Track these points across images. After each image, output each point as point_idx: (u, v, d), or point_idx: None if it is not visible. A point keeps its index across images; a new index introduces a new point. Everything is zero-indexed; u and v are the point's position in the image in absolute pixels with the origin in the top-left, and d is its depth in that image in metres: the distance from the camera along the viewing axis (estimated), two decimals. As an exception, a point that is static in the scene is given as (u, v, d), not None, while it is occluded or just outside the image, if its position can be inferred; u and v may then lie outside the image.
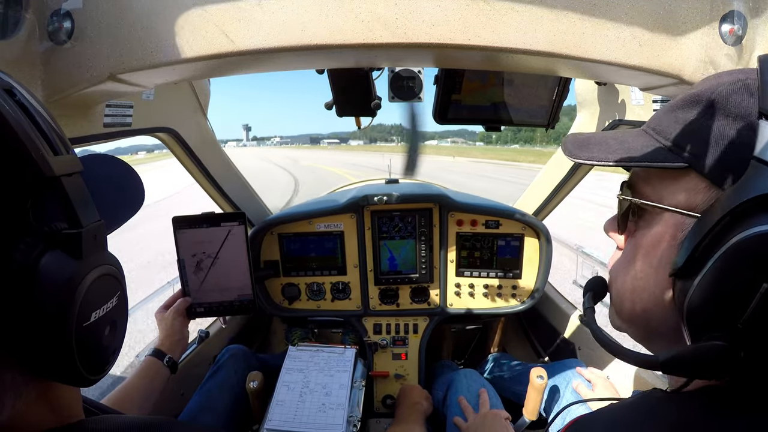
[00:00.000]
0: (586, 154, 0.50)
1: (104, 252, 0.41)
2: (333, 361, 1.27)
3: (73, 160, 0.38)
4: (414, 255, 1.53)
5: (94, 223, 0.39)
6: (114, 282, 0.42)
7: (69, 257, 0.36)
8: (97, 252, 0.40)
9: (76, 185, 0.38)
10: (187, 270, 1.13)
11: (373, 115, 1.26)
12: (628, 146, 0.48)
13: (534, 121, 1.24)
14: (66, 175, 0.36)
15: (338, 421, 1.09)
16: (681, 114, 0.44)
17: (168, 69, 0.68)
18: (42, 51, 0.68)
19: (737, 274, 0.36)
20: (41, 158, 0.34)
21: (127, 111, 0.96)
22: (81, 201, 0.38)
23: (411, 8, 0.61)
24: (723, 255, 0.37)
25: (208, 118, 1.39)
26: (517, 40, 0.62)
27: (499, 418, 1.13)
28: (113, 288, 0.42)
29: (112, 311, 0.41)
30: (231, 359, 1.32)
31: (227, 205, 1.60)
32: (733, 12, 0.65)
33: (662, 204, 0.45)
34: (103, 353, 0.41)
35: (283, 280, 1.55)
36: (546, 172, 1.67)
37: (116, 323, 0.43)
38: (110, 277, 0.41)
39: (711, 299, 0.38)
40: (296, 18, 0.61)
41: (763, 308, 0.35)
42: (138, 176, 0.63)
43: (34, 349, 0.34)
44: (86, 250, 0.37)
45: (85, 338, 0.37)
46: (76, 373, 0.37)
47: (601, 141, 0.51)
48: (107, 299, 0.40)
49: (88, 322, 0.37)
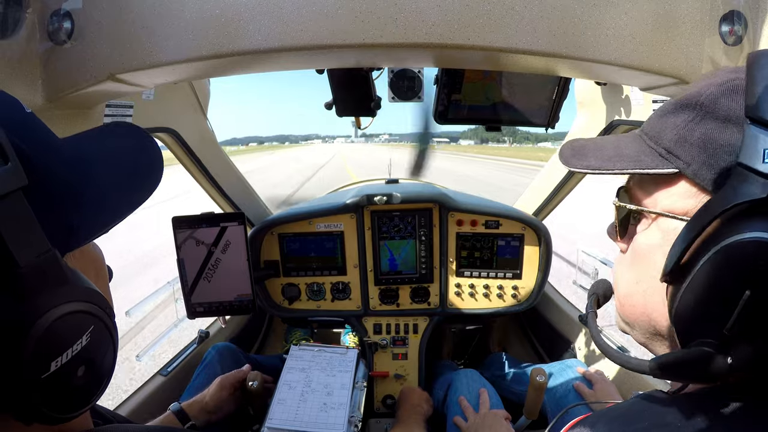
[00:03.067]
0: (583, 163, 0.50)
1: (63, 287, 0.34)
2: (335, 362, 1.27)
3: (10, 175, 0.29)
4: (414, 255, 1.53)
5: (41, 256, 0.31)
6: (82, 319, 0.35)
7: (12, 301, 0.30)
8: (51, 290, 0.32)
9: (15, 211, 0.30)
10: (187, 270, 1.13)
11: (373, 115, 1.26)
12: (622, 152, 0.48)
13: (534, 120, 1.24)
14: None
15: (340, 421, 1.09)
16: (672, 118, 0.44)
17: (168, 69, 0.68)
18: (42, 51, 0.68)
19: (721, 281, 0.37)
20: None
21: (127, 111, 0.96)
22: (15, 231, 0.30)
23: (411, 8, 0.61)
24: (707, 262, 0.37)
25: (208, 118, 1.39)
26: (517, 40, 0.62)
27: (499, 418, 1.13)
28: (81, 326, 0.35)
29: (83, 351, 0.35)
30: (217, 357, 1.32)
31: (227, 205, 1.61)
32: (733, 12, 0.65)
33: (655, 209, 0.45)
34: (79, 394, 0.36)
35: (283, 280, 1.55)
36: (546, 173, 1.67)
37: (93, 361, 0.36)
38: (75, 315, 0.34)
39: (697, 305, 0.39)
40: (296, 18, 0.61)
41: (747, 315, 0.35)
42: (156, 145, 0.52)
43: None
44: (29, 293, 0.31)
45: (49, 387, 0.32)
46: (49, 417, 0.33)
47: (598, 147, 0.51)
48: (73, 341, 0.34)
49: (47, 373, 0.31)
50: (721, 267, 0.37)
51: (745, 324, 0.36)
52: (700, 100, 0.42)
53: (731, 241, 0.36)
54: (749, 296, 0.35)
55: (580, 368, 1.32)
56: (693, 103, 0.42)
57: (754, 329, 0.36)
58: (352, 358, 1.28)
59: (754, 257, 0.34)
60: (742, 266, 0.35)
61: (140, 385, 1.28)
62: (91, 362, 0.36)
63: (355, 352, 1.31)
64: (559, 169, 1.57)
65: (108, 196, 0.43)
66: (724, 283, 0.36)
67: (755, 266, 0.34)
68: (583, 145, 0.53)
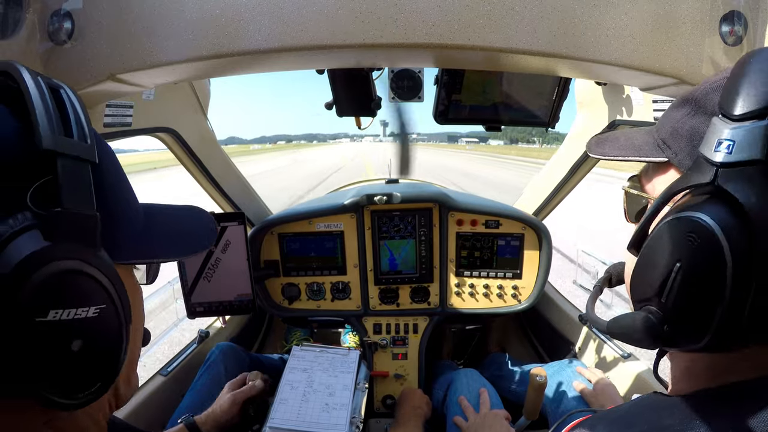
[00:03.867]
0: (599, 150, 0.55)
1: (92, 250, 0.36)
2: (337, 362, 1.27)
3: (84, 147, 0.36)
4: (414, 255, 1.53)
5: (85, 215, 0.35)
6: (96, 289, 0.35)
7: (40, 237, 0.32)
8: (81, 245, 0.35)
9: (77, 171, 0.35)
10: (187, 270, 1.13)
11: (373, 114, 1.26)
12: (632, 143, 0.52)
13: (534, 120, 1.24)
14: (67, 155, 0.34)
15: (341, 421, 1.09)
16: (673, 112, 0.48)
17: (168, 69, 0.68)
18: (42, 51, 0.68)
19: (660, 254, 0.41)
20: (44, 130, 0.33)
21: (127, 111, 0.96)
22: (74, 186, 0.34)
23: (411, 8, 0.61)
24: (653, 236, 0.43)
25: (208, 118, 1.39)
26: (517, 40, 0.62)
27: (500, 418, 1.13)
28: (92, 296, 0.35)
29: (84, 323, 0.34)
30: (221, 357, 1.32)
31: (227, 205, 1.60)
32: (733, 12, 0.65)
33: (653, 194, 0.49)
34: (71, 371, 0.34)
35: (283, 280, 1.55)
36: (546, 172, 1.67)
37: (92, 341, 0.35)
38: (91, 281, 0.35)
39: (643, 274, 0.43)
40: (296, 18, 0.61)
41: (679, 285, 0.39)
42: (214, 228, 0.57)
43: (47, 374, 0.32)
44: (61, 235, 0.33)
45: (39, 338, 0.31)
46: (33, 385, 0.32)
47: (615, 138, 0.56)
48: (78, 304, 0.34)
49: (43, 318, 0.31)
50: (661, 241, 0.41)
51: (678, 293, 0.40)
52: (695, 95, 0.45)
53: (670, 218, 0.41)
54: (679, 268, 0.39)
55: (580, 368, 1.32)
56: (690, 99, 0.46)
57: (685, 298, 0.39)
58: (354, 359, 1.28)
59: (686, 232, 0.39)
60: (675, 240, 0.40)
61: (140, 385, 1.28)
62: (90, 341, 0.35)
63: (357, 353, 1.31)
64: (560, 169, 1.57)
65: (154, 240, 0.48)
66: (662, 255, 0.41)
67: (686, 241, 0.39)
68: (606, 137, 0.58)
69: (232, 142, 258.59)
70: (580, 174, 1.53)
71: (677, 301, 0.40)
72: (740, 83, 0.38)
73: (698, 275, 0.38)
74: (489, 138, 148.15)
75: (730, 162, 0.37)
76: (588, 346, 1.55)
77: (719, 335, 0.38)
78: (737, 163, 0.36)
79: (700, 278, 0.38)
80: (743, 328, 0.37)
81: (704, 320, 0.38)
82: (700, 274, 0.38)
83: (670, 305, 0.40)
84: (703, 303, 0.38)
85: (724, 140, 0.37)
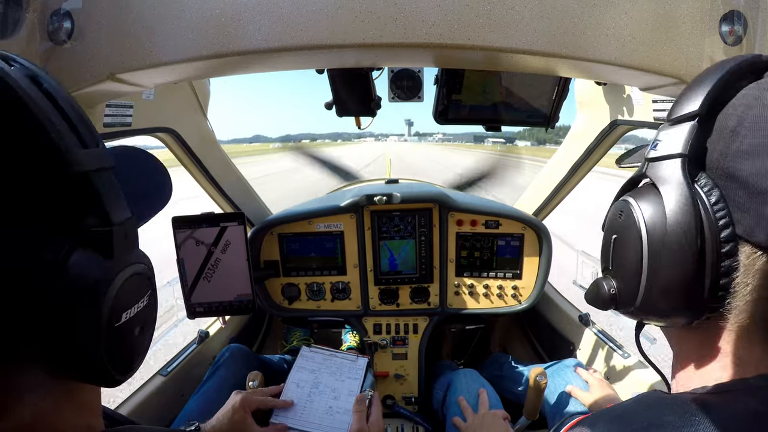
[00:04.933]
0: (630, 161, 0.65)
1: (135, 250, 0.40)
2: (345, 368, 1.27)
3: (104, 154, 0.36)
4: (414, 255, 1.52)
5: (126, 221, 0.37)
6: (145, 281, 0.40)
7: (99, 256, 0.34)
8: (129, 250, 0.38)
9: (107, 180, 0.36)
10: (187, 270, 1.13)
11: (373, 114, 1.26)
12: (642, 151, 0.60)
13: (534, 120, 1.24)
14: (96, 170, 0.35)
15: (344, 426, 1.09)
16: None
17: (168, 69, 0.68)
18: (42, 51, 0.68)
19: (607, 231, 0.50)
20: (70, 152, 0.32)
21: (127, 111, 0.96)
22: (112, 197, 0.36)
23: (411, 8, 0.61)
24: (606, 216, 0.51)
25: (208, 118, 1.39)
26: (517, 40, 0.62)
27: (498, 419, 1.13)
28: (144, 287, 0.40)
29: (142, 311, 0.40)
30: (230, 359, 1.31)
31: (227, 205, 1.60)
32: (733, 12, 0.65)
33: None
34: (133, 353, 0.40)
35: (283, 280, 1.55)
36: (546, 172, 1.67)
37: (148, 323, 0.42)
38: (141, 276, 0.40)
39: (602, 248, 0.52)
40: (296, 18, 0.61)
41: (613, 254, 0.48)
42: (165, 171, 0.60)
43: (62, 349, 0.33)
44: (117, 249, 0.36)
45: (116, 339, 0.36)
46: (105, 373, 0.36)
47: None
48: (138, 299, 0.39)
49: (119, 323, 0.36)
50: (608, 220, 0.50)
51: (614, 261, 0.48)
52: None
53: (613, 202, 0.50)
54: (614, 239, 0.48)
55: (579, 369, 1.32)
56: None
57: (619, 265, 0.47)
58: (361, 366, 1.28)
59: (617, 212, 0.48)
60: (613, 218, 0.49)
61: (140, 385, 1.28)
62: (146, 324, 0.41)
63: (365, 360, 1.31)
64: (560, 169, 1.57)
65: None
66: (607, 232, 0.50)
67: (618, 218, 0.47)
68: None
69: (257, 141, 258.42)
70: (580, 174, 1.53)
71: (615, 268, 0.48)
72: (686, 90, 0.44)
73: (624, 246, 0.46)
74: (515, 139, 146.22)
75: (655, 157, 0.44)
76: (588, 346, 1.55)
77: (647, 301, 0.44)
78: (660, 157, 0.44)
79: (626, 248, 0.45)
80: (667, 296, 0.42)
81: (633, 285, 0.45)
82: (625, 244, 0.45)
83: (613, 273, 0.49)
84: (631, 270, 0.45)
85: (658, 141, 0.45)
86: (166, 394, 1.28)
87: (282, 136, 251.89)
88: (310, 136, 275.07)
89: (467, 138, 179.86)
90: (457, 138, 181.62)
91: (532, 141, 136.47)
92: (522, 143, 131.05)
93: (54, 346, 0.33)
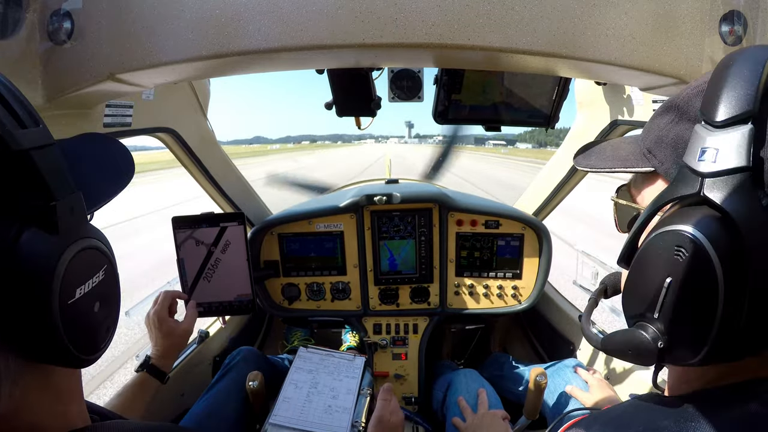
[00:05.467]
0: (585, 162, 0.55)
1: (84, 225, 0.39)
2: (342, 367, 1.28)
3: (43, 132, 0.36)
4: (414, 255, 1.52)
5: (70, 195, 0.37)
6: (98, 255, 0.40)
7: (44, 233, 0.34)
8: (76, 225, 0.38)
9: (48, 158, 0.35)
10: (187, 270, 1.13)
11: (373, 115, 1.26)
12: (618, 154, 0.52)
13: (534, 120, 1.24)
14: (36, 147, 0.34)
15: (343, 424, 1.09)
16: (658, 120, 0.47)
17: (168, 69, 0.68)
18: (42, 51, 0.68)
19: (650, 269, 0.40)
20: (6, 133, 0.32)
21: (127, 111, 0.96)
22: (53, 173, 0.35)
23: (411, 8, 0.61)
24: (642, 250, 0.41)
25: (208, 118, 1.39)
26: (517, 40, 0.62)
27: (498, 418, 1.13)
28: (98, 261, 0.40)
29: (99, 286, 0.39)
30: (242, 362, 1.30)
31: (227, 205, 1.60)
32: (733, 12, 0.65)
33: (642, 204, 0.48)
34: (95, 330, 0.40)
35: (283, 280, 1.55)
36: (546, 173, 1.67)
37: (107, 298, 0.41)
38: (94, 251, 0.39)
39: (635, 289, 0.42)
40: (296, 18, 0.61)
41: (671, 301, 0.38)
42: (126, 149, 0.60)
43: (21, 331, 0.33)
44: (63, 225, 0.35)
45: (72, 316, 0.36)
46: (68, 353, 0.36)
47: (601, 149, 0.56)
48: (92, 274, 0.39)
49: (72, 299, 0.36)
50: (650, 256, 0.40)
51: (670, 310, 0.38)
52: (677, 102, 0.44)
53: (657, 232, 0.39)
54: (670, 283, 0.38)
55: (579, 369, 1.32)
56: (673, 105, 0.45)
57: (678, 315, 0.38)
58: (359, 365, 1.28)
59: (673, 247, 0.37)
60: (664, 255, 0.38)
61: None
62: (106, 299, 0.41)
63: (363, 359, 1.31)
64: (559, 169, 1.57)
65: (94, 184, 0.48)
66: (652, 271, 0.39)
67: (674, 256, 0.37)
68: (592, 150, 0.57)
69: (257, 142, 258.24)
70: (580, 174, 1.53)
71: (670, 318, 0.38)
72: (721, 87, 0.37)
73: (689, 291, 0.37)
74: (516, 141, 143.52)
75: (715, 171, 0.36)
76: (588, 346, 1.55)
77: (714, 350, 0.36)
78: (722, 172, 0.35)
79: (692, 294, 0.37)
80: (739, 341, 0.36)
81: (699, 336, 0.37)
82: (691, 289, 0.37)
83: (663, 322, 0.39)
84: (696, 319, 0.37)
85: (708, 148, 0.36)
86: (166, 394, 1.28)
87: (282, 137, 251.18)
88: (310, 137, 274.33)
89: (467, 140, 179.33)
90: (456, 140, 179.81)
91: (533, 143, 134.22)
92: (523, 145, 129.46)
93: (13, 330, 0.33)
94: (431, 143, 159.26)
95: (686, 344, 0.38)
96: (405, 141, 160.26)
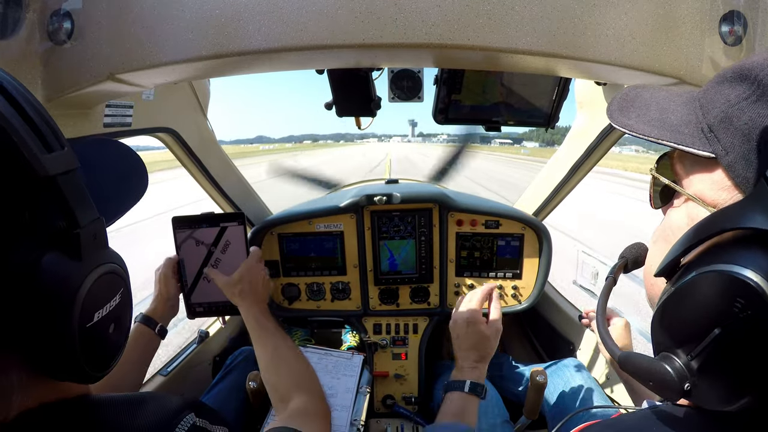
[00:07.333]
0: (623, 120, 0.45)
1: (105, 250, 0.40)
2: (341, 366, 1.28)
3: (68, 156, 0.36)
4: (414, 255, 1.52)
5: (93, 222, 0.37)
6: (116, 279, 0.41)
7: (68, 258, 0.35)
8: (98, 251, 0.39)
9: (72, 183, 0.36)
10: (187, 270, 1.13)
11: (373, 115, 1.26)
12: (666, 118, 0.41)
13: (534, 120, 1.24)
14: (61, 173, 0.34)
15: (342, 422, 1.09)
16: (727, 89, 0.36)
17: (168, 69, 0.68)
18: (42, 51, 0.68)
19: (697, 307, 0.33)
20: (34, 158, 0.32)
21: (127, 111, 0.96)
22: (78, 199, 0.36)
23: (411, 8, 0.61)
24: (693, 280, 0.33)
25: (208, 118, 1.39)
26: (517, 40, 0.62)
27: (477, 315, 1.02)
28: (116, 285, 0.41)
29: (115, 309, 0.40)
30: (244, 362, 1.30)
31: (227, 205, 1.60)
32: (733, 12, 0.65)
33: (688, 190, 0.40)
34: (109, 351, 0.40)
35: (283, 280, 1.55)
36: (546, 172, 1.67)
37: (120, 320, 0.42)
38: (112, 275, 0.40)
39: (674, 319, 0.35)
40: (296, 18, 0.61)
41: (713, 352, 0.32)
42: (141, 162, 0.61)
43: (39, 351, 0.34)
44: (85, 251, 0.36)
45: (89, 338, 0.37)
46: (82, 372, 0.37)
47: (645, 105, 0.45)
48: (110, 298, 0.40)
49: (91, 323, 0.37)
50: (699, 294, 0.33)
51: (710, 359, 0.32)
52: (759, 75, 0.33)
53: (716, 269, 0.31)
54: (718, 335, 0.31)
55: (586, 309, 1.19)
56: (752, 77, 0.34)
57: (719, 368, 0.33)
58: (357, 364, 1.29)
59: (732, 295, 0.30)
60: (717, 301, 0.31)
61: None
62: (119, 321, 0.42)
63: (360, 358, 1.31)
64: (560, 169, 1.57)
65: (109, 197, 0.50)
66: (698, 312, 0.33)
67: (731, 306, 0.30)
68: (634, 99, 0.46)
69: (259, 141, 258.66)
70: (580, 174, 1.53)
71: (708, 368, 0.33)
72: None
73: (739, 350, 0.30)
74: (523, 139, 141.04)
75: None
76: (588, 346, 1.55)
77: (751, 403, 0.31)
78: None
79: (742, 352, 0.30)
80: None
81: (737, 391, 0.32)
82: (744, 348, 0.30)
83: (699, 368, 0.33)
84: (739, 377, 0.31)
85: None
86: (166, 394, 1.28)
87: (285, 137, 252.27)
88: (312, 137, 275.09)
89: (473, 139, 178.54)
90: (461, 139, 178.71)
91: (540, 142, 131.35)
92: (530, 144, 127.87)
93: (31, 349, 0.33)
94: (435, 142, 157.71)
95: (719, 395, 0.33)
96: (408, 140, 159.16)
